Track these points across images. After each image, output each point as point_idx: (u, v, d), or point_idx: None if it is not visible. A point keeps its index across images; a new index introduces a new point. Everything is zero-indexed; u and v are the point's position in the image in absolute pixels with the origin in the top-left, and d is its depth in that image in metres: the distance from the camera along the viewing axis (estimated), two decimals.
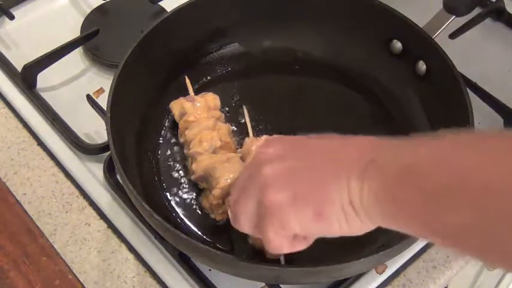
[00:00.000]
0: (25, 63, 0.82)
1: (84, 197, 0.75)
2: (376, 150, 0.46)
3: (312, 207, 0.47)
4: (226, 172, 0.65)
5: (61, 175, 0.77)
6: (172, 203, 0.71)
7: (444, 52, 0.73)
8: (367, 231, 0.49)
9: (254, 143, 0.70)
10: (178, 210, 0.70)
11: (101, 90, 0.85)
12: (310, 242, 0.53)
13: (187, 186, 0.72)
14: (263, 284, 0.65)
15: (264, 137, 0.61)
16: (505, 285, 1.18)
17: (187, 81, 0.78)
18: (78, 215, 0.73)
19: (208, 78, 0.83)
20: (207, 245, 0.64)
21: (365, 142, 0.49)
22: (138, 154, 0.73)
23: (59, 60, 0.85)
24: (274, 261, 0.63)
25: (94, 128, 0.80)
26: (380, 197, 0.44)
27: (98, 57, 0.87)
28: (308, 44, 0.84)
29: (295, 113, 0.80)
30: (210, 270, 0.68)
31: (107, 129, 0.65)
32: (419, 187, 0.41)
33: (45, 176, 0.76)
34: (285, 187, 0.48)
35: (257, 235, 0.53)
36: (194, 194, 0.71)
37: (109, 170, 0.74)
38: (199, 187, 0.71)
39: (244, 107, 0.77)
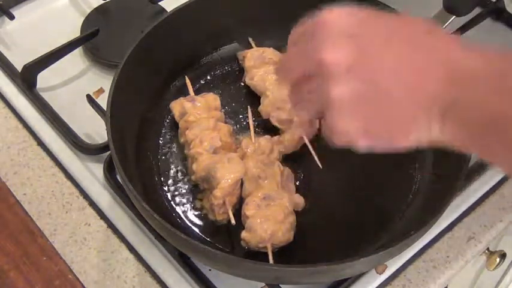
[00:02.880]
0: (25, 63, 0.82)
1: (84, 197, 0.75)
2: (460, 84, 0.42)
3: (385, 140, 0.46)
4: (226, 172, 0.66)
5: (61, 175, 0.77)
6: (172, 203, 0.71)
7: None
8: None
9: (250, 146, 0.70)
10: (178, 210, 0.70)
11: (101, 90, 0.85)
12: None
13: (187, 186, 0.72)
14: (263, 284, 0.65)
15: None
16: (505, 285, 1.18)
17: (188, 81, 0.78)
18: (78, 215, 0.73)
19: (208, 78, 0.83)
20: (207, 245, 0.64)
21: (447, 61, 0.43)
22: (138, 154, 0.73)
23: (59, 60, 0.85)
24: (274, 261, 0.63)
25: (94, 128, 0.80)
26: (463, 140, 0.43)
27: (98, 57, 0.88)
28: None
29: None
30: (210, 270, 0.68)
31: (107, 129, 0.65)
32: (508, 139, 0.40)
33: (45, 176, 0.76)
34: (356, 117, 0.45)
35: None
36: (194, 194, 0.71)
37: (109, 170, 0.74)
38: (199, 187, 0.71)
39: (248, 107, 0.77)
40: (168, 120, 0.78)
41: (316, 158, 0.69)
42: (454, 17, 0.78)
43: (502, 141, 0.41)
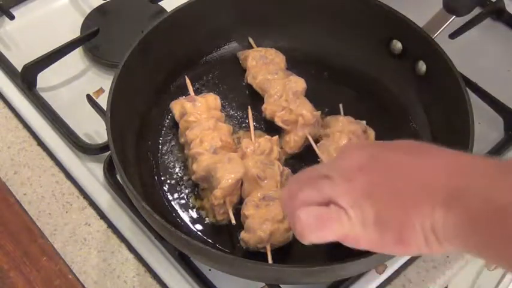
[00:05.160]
0: (25, 63, 0.82)
1: (84, 197, 0.75)
2: (464, 176, 0.45)
3: (392, 232, 0.46)
4: (227, 172, 0.66)
5: (61, 175, 0.77)
6: (173, 203, 0.71)
7: (444, 52, 0.73)
8: (447, 251, 0.48)
9: (250, 146, 0.70)
10: (178, 210, 0.70)
11: (100, 90, 0.85)
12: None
13: (187, 186, 0.72)
14: (263, 284, 0.65)
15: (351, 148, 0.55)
16: (505, 285, 1.18)
17: (188, 81, 0.78)
18: (78, 215, 0.73)
19: (209, 78, 0.83)
20: (207, 245, 0.64)
21: (451, 161, 0.47)
22: (138, 154, 0.73)
23: (59, 60, 0.85)
24: (274, 261, 0.63)
25: (94, 128, 0.80)
26: (466, 231, 0.43)
27: (98, 57, 0.87)
28: (308, 44, 0.84)
29: None
30: (210, 270, 0.68)
31: (107, 129, 0.65)
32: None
33: (45, 176, 0.76)
34: (366, 206, 0.47)
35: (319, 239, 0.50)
36: (194, 194, 0.71)
37: (109, 170, 0.74)
38: (199, 187, 0.71)
39: (249, 108, 0.77)
40: (168, 120, 0.78)
41: (322, 157, 0.69)
42: (454, 17, 0.78)
43: (503, 233, 0.41)
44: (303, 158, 0.74)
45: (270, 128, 0.76)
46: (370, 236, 0.48)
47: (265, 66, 0.79)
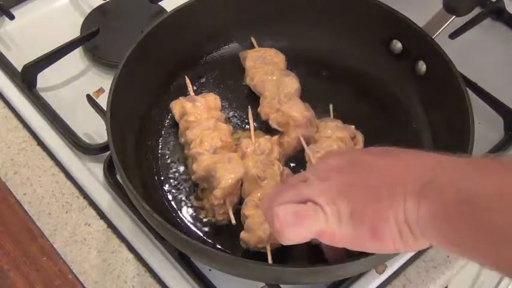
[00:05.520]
0: (25, 63, 0.82)
1: (84, 197, 0.75)
2: (436, 170, 0.46)
3: (367, 226, 0.47)
4: (227, 172, 0.66)
5: (61, 175, 0.77)
6: (173, 203, 0.71)
7: (444, 52, 0.73)
8: (422, 248, 0.49)
9: (250, 146, 0.70)
10: (178, 210, 0.70)
11: (101, 90, 0.85)
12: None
13: (187, 186, 0.72)
14: (263, 284, 0.65)
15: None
16: (505, 285, 1.18)
17: (188, 81, 0.78)
18: (78, 215, 0.73)
19: (208, 78, 0.83)
20: (207, 245, 0.64)
21: (423, 159, 0.48)
22: (138, 154, 0.73)
23: (59, 60, 0.85)
24: (274, 261, 0.63)
25: (94, 128, 0.80)
26: (438, 221, 0.44)
27: (98, 57, 0.88)
28: (308, 44, 0.84)
29: None
30: (210, 270, 0.68)
31: (106, 129, 0.65)
32: (484, 221, 0.41)
33: (45, 176, 0.76)
34: (341, 203, 0.48)
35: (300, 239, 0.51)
36: (194, 194, 0.71)
37: (109, 170, 0.74)
38: (199, 187, 0.71)
39: (249, 108, 0.77)
40: (168, 120, 0.78)
41: (311, 157, 0.69)
42: (454, 17, 0.78)
43: (480, 224, 0.41)
44: (302, 158, 0.74)
45: (270, 128, 0.76)
46: (345, 231, 0.49)
47: (264, 67, 0.79)
